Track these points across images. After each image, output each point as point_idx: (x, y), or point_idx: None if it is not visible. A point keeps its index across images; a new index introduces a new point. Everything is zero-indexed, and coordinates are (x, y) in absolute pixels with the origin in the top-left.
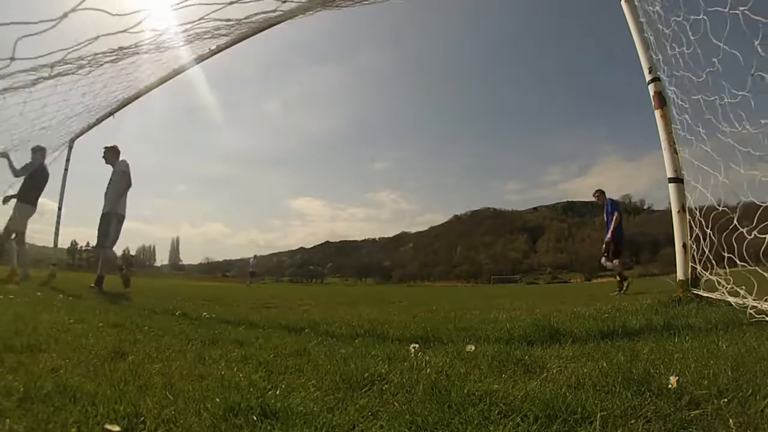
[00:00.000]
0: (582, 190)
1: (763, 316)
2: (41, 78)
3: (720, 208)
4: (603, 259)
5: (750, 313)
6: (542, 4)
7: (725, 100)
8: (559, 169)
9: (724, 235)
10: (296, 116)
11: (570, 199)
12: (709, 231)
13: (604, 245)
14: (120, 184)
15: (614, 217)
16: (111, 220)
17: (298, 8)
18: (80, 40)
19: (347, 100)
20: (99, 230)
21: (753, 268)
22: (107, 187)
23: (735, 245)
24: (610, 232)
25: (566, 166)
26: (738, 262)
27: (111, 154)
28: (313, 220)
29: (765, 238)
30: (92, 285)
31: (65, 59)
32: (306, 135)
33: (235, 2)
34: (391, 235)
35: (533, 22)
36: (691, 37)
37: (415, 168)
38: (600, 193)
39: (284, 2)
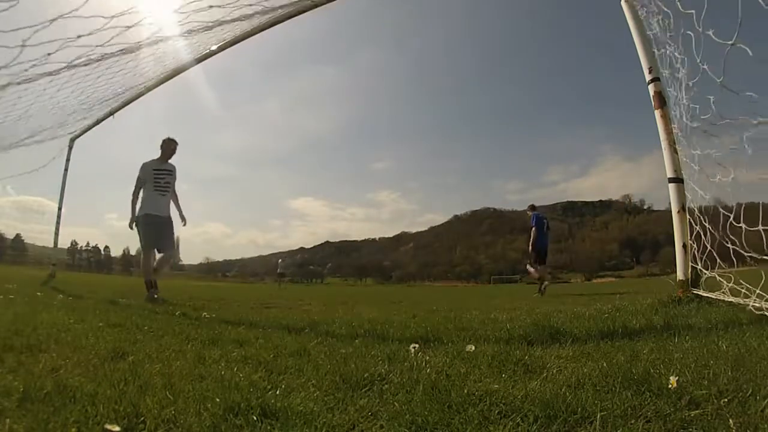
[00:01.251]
0: (583, 191)
1: (763, 312)
2: (44, 73)
3: (721, 210)
4: (527, 266)
5: (750, 309)
6: (546, 4)
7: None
8: (560, 169)
9: (722, 234)
10: (297, 116)
11: (570, 199)
12: (709, 227)
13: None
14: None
15: (532, 231)
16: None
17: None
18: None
19: (348, 100)
20: (170, 236)
21: (757, 262)
22: (163, 188)
23: (730, 246)
24: (530, 243)
25: (567, 166)
26: (737, 257)
27: (171, 148)
28: (313, 220)
29: (762, 237)
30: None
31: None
32: (306, 134)
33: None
34: (391, 235)
35: (534, 22)
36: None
37: (416, 168)
38: (530, 207)
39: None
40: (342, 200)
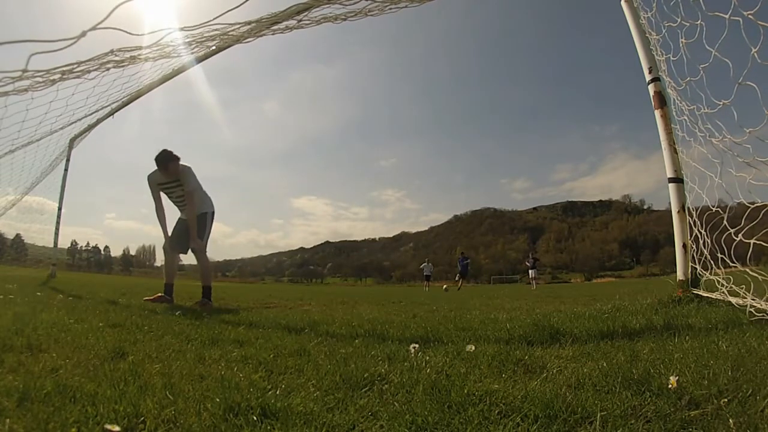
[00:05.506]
0: (589, 189)
1: (763, 314)
2: (47, 80)
3: (714, 209)
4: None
5: (750, 312)
6: (556, 4)
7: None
8: (568, 168)
9: (716, 235)
10: (299, 114)
11: (571, 199)
12: (704, 231)
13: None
14: None
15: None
16: None
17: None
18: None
19: (350, 98)
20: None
21: (748, 268)
22: (177, 201)
23: (725, 246)
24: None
25: (576, 164)
26: (730, 263)
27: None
28: (315, 219)
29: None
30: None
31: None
32: (308, 133)
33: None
34: (391, 235)
35: (541, 20)
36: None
37: (421, 166)
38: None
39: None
40: (346, 199)
